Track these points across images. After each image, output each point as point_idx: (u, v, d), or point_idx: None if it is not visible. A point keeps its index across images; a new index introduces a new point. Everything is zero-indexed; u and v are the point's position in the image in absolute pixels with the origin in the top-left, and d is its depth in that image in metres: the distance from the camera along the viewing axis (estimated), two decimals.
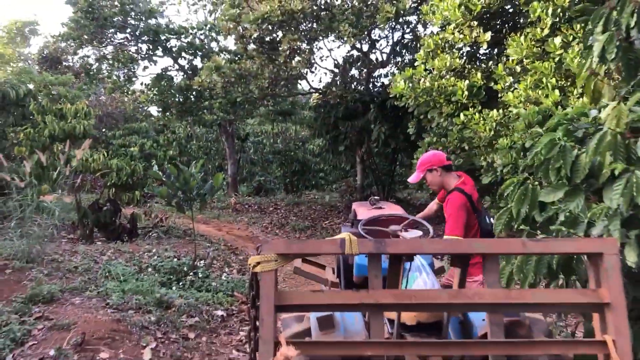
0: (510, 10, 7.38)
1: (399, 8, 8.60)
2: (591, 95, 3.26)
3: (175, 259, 6.71)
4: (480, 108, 7.35)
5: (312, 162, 17.95)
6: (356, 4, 9.22)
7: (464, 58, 7.82)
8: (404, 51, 12.33)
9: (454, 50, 7.87)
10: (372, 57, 11.75)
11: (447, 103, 7.70)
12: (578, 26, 6.66)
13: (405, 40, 11.86)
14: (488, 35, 7.27)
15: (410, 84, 7.93)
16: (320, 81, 15.62)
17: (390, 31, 11.38)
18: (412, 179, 4.12)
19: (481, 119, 7.09)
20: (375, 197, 4.42)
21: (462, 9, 7.19)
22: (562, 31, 6.76)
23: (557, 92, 6.40)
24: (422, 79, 7.86)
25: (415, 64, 8.47)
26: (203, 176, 6.50)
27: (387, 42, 11.92)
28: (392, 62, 12.10)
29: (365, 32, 9.68)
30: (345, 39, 9.05)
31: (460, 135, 7.56)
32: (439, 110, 7.88)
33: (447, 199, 3.91)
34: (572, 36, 6.67)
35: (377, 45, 11.62)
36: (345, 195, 12.94)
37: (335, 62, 12.08)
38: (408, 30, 11.28)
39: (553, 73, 6.56)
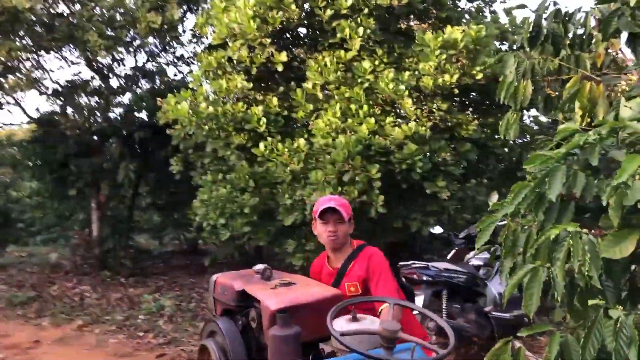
0: (313, 28, 6.59)
1: (167, 18, 7.07)
2: (585, 106, 2.47)
3: None
4: (279, 138, 6.32)
5: (14, 210, 14.31)
6: (105, 11, 7.30)
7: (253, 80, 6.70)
8: (142, 80, 10.57)
9: (239, 71, 6.70)
10: (112, 82, 9.68)
11: (237, 132, 6.46)
12: (380, 51, 6.23)
13: (147, 67, 10.19)
14: (284, 56, 6.34)
15: (190, 110, 6.46)
16: (38, 109, 12.46)
17: (133, 54, 9.58)
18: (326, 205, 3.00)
19: (285, 150, 6.05)
20: (265, 265, 2.91)
21: (257, 22, 6.11)
22: (363, 56, 6.24)
23: (372, 119, 5.80)
24: (204, 104, 6.47)
25: (190, 85, 7.05)
26: None
27: (124, 65, 10.01)
28: (131, 90, 10.24)
29: (120, 45, 7.76)
30: (96, 51, 7.02)
31: (253, 170, 6.39)
32: (226, 141, 6.58)
33: (373, 253, 2.99)
34: (377, 61, 6.20)
35: (115, 69, 9.64)
36: (77, 251, 10.34)
37: (58, 84, 9.61)
38: (147, 53, 9.59)
39: (364, 99, 5.95)
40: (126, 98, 10.39)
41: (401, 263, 4.84)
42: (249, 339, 2.76)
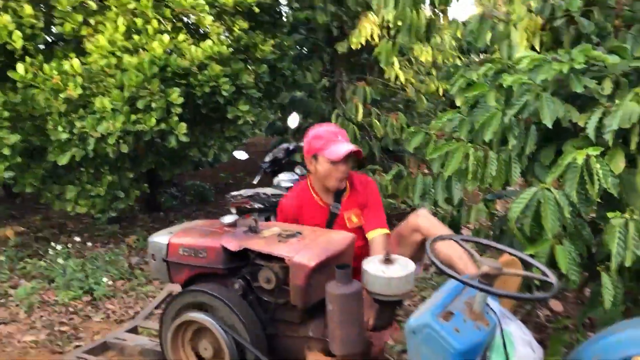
0: None
1: None
2: (528, 37, 2.51)
3: None
4: (42, 58, 5.12)
5: None
6: None
7: None
8: None
9: None
10: None
11: None
12: None
13: None
14: None
15: None
16: None
17: None
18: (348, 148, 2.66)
19: (55, 72, 4.95)
20: (237, 216, 2.48)
21: None
22: None
23: (165, 37, 5.12)
24: None
25: None
26: None
27: None
28: None
29: None
30: None
31: (6, 99, 5.11)
32: None
33: (369, 181, 2.90)
34: None
35: None
36: None
37: None
38: None
39: (152, 14, 5.19)
40: None
41: (232, 193, 4.55)
42: (252, 305, 2.38)
